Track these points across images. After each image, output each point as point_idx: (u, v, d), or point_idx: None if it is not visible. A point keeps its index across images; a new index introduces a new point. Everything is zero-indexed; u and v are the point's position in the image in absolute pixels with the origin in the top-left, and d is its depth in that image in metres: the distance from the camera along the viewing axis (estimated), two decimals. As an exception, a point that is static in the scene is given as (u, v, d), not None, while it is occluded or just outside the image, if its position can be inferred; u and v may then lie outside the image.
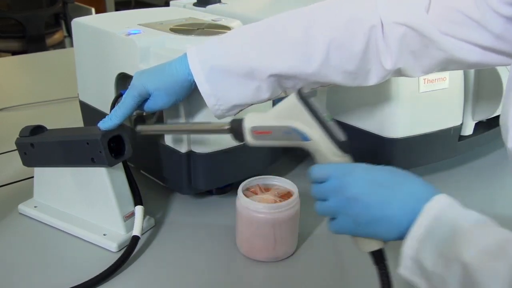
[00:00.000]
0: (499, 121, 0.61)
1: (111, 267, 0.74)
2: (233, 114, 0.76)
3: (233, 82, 0.73)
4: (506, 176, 1.08)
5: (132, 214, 0.82)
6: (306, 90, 0.61)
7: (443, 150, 1.01)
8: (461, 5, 0.64)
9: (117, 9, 4.18)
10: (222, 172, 0.89)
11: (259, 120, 0.62)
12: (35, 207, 0.88)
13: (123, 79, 0.92)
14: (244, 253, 0.80)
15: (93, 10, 3.19)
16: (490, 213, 0.51)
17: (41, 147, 0.83)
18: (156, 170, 0.94)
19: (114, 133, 0.77)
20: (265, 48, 0.72)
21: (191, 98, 0.78)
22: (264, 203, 0.77)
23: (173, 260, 0.79)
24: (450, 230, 0.49)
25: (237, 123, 0.64)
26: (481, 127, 1.06)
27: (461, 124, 1.00)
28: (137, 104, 0.76)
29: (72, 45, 1.07)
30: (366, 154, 0.60)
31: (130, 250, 0.77)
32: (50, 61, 1.86)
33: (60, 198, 0.86)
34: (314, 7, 0.73)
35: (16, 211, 0.89)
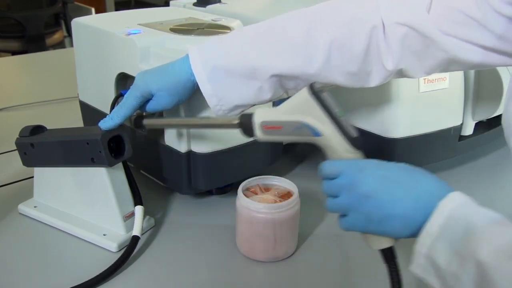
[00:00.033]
0: (502, 121, 0.61)
1: (111, 267, 0.74)
2: (234, 115, 0.76)
3: (235, 82, 0.72)
4: (506, 176, 1.08)
5: (132, 214, 0.82)
6: (318, 85, 0.59)
7: (443, 150, 1.01)
8: (462, 5, 0.64)
9: (117, 9, 4.18)
10: (222, 172, 0.89)
11: (270, 114, 0.61)
12: (35, 207, 0.88)
13: (123, 79, 0.92)
14: (244, 253, 0.80)
15: (93, 10, 3.19)
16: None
17: (41, 147, 0.83)
18: (156, 170, 0.94)
19: (114, 133, 0.77)
20: (265, 48, 0.72)
21: (191, 99, 0.78)
22: (264, 203, 0.77)
23: (173, 260, 0.79)
24: (465, 228, 0.48)
25: (247, 117, 0.62)
26: (481, 127, 1.05)
27: (461, 124, 1.00)
28: (139, 104, 0.76)
29: (72, 45, 1.07)
30: (366, 154, 0.60)
31: (130, 250, 0.77)
32: (50, 61, 1.86)
33: (60, 198, 0.86)
34: (315, 8, 0.73)
35: (16, 211, 0.89)
